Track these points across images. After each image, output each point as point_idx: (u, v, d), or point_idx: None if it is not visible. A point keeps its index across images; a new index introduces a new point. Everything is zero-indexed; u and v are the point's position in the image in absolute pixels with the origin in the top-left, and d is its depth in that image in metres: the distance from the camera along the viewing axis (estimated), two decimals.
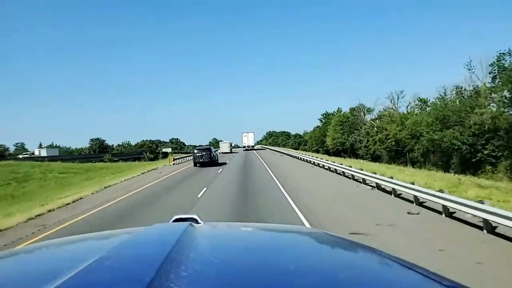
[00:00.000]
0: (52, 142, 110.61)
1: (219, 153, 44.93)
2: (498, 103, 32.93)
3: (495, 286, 5.50)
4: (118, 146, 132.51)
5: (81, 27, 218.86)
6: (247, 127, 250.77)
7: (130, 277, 0.73)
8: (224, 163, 33.36)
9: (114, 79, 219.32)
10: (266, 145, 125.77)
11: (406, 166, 47.87)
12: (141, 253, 0.96)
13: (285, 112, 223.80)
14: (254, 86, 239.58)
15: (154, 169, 33.03)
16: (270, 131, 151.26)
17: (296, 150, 78.90)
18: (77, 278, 0.72)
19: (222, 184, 19.50)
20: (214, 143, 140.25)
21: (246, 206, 12.86)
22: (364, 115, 77.95)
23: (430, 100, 47.64)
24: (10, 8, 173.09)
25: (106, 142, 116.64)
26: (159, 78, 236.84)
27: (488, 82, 36.57)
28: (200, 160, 30.98)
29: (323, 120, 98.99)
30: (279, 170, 25.47)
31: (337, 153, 79.09)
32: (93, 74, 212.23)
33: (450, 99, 39.86)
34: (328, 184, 17.96)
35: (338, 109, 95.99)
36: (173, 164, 38.57)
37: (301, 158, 35.16)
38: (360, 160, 52.00)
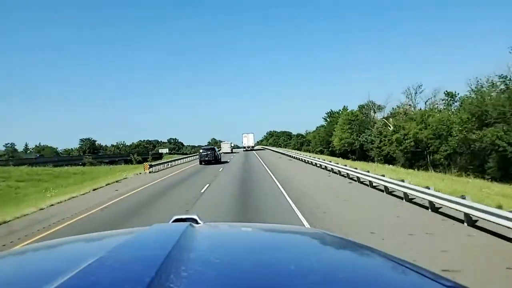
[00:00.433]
0: (39, 143, 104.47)
1: (221, 152, 45.72)
2: None
3: None
4: (112, 146, 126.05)
5: (78, 27, 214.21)
6: (247, 127, 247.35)
7: (130, 277, 0.73)
8: (226, 161, 33.81)
9: (113, 79, 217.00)
10: (266, 145, 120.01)
11: (427, 170, 42.06)
12: (141, 253, 0.96)
13: (285, 111, 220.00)
14: (253, 86, 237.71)
15: (117, 181, 23.58)
16: (270, 131, 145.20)
17: (298, 151, 73.30)
18: (77, 278, 0.71)
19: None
20: (212, 143, 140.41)
21: None
22: (374, 113, 71.94)
23: (458, 94, 41.33)
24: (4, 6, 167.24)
25: (97, 143, 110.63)
26: (158, 78, 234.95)
27: None
28: (205, 158, 33.56)
29: (328, 119, 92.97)
30: (299, 190, 15.30)
31: (343, 154, 73.10)
32: (90, 74, 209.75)
33: (487, 92, 33.64)
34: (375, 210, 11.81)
35: (344, 107, 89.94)
36: (149, 172, 29.00)
37: (313, 164, 28.95)
38: (377, 163, 46.09)
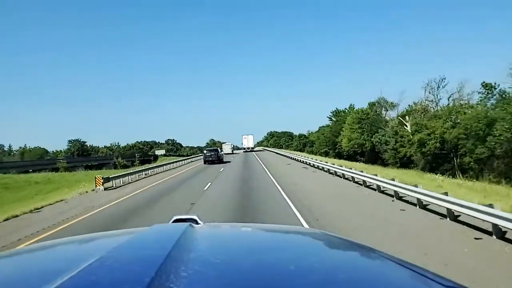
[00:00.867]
0: (25, 144, 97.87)
1: (223, 153, 47.91)
2: None
3: None
4: (105, 148, 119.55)
5: (75, 27, 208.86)
6: (246, 127, 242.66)
7: (130, 277, 0.73)
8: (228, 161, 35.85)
9: (112, 79, 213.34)
10: (267, 146, 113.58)
11: (454, 175, 35.74)
12: (141, 253, 0.96)
13: (286, 112, 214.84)
14: (253, 86, 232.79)
15: (34, 210, 14.96)
16: (271, 132, 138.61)
17: (301, 153, 67.14)
18: (77, 278, 0.71)
19: None
20: (211, 144, 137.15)
21: None
22: (386, 111, 65.54)
23: (499, 86, 34.78)
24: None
25: (88, 144, 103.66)
26: (157, 78, 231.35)
27: None
28: (209, 158, 37.13)
29: (333, 118, 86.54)
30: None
31: (351, 156, 66.63)
32: (89, 74, 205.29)
33: None
34: None
35: (351, 105, 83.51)
36: (104, 189, 19.94)
37: (332, 172, 22.41)
38: (393, 167, 39.62)
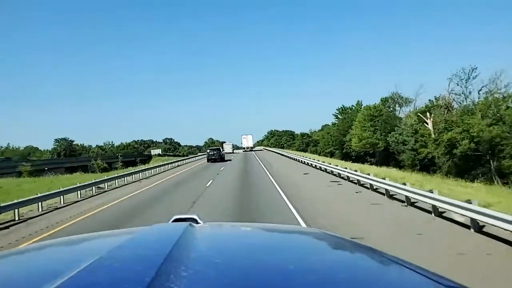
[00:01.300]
0: (8, 143, 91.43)
1: (224, 152, 50.06)
2: None
3: None
4: (97, 147, 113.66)
5: (73, 27, 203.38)
6: (246, 126, 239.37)
7: (130, 277, 0.73)
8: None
9: (111, 78, 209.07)
10: (267, 145, 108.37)
11: (492, 181, 30.77)
12: (141, 253, 0.95)
13: (286, 110, 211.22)
14: (252, 84, 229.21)
15: None
16: (272, 130, 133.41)
17: (303, 153, 62.43)
18: (77, 278, 0.71)
19: None
20: (210, 143, 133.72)
21: None
22: (400, 108, 60.51)
23: None
24: None
25: (76, 143, 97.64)
26: (156, 77, 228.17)
27: None
28: (212, 157, 41.12)
29: (339, 116, 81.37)
30: None
31: (360, 157, 61.52)
32: (87, 73, 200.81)
33: None
34: None
35: (358, 102, 78.41)
36: None
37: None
38: (412, 171, 34.62)
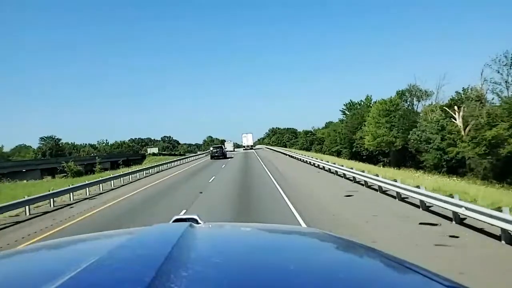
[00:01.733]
0: None
1: (226, 150, 53.30)
2: None
3: None
4: (88, 146, 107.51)
5: (72, 27, 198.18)
6: (245, 124, 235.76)
7: (130, 277, 0.73)
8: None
9: (109, 78, 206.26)
10: (269, 144, 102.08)
11: None
12: (141, 253, 0.95)
13: (287, 108, 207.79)
14: (252, 84, 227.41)
15: None
16: (273, 128, 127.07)
17: (307, 152, 56.36)
18: (77, 278, 0.71)
19: None
20: (209, 141, 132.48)
21: None
22: (418, 102, 54.18)
23: None
24: None
25: (63, 141, 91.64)
26: (154, 76, 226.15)
27: None
28: (215, 154, 46.43)
29: (347, 112, 75.02)
30: None
31: (372, 157, 55.17)
32: (85, 73, 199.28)
33: None
34: None
35: (368, 97, 71.97)
36: None
37: None
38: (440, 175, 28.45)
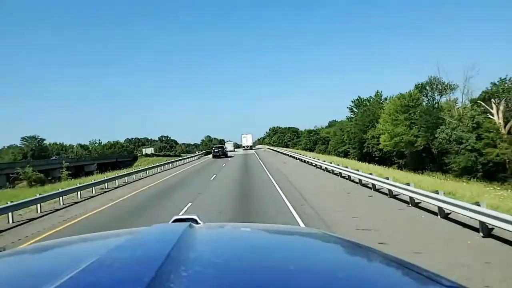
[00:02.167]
0: None
1: (227, 150, 56.42)
2: None
3: None
4: (78, 146, 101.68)
5: (72, 26, 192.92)
6: (244, 124, 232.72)
7: (130, 277, 0.73)
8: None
9: (107, 78, 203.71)
10: (270, 143, 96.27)
11: None
12: (141, 253, 0.95)
13: (287, 108, 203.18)
14: (252, 84, 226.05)
15: None
16: (273, 127, 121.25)
17: (311, 153, 50.96)
18: (77, 278, 0.71)
19: None
20: (207, 141, 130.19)
21: None
22: (440, 96, 48.41)
23: None
24: None
25: (45, 142, 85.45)
26: (153, 76, 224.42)
27: None
28: (217, 154, 49.78)
29: (355, 109, 69.29)
30: None
31: (385, 159, 49.47)
32: (84, 72, 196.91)
33: None
34: None
35: (377, 92, 66.20)
36: None
37: None
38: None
